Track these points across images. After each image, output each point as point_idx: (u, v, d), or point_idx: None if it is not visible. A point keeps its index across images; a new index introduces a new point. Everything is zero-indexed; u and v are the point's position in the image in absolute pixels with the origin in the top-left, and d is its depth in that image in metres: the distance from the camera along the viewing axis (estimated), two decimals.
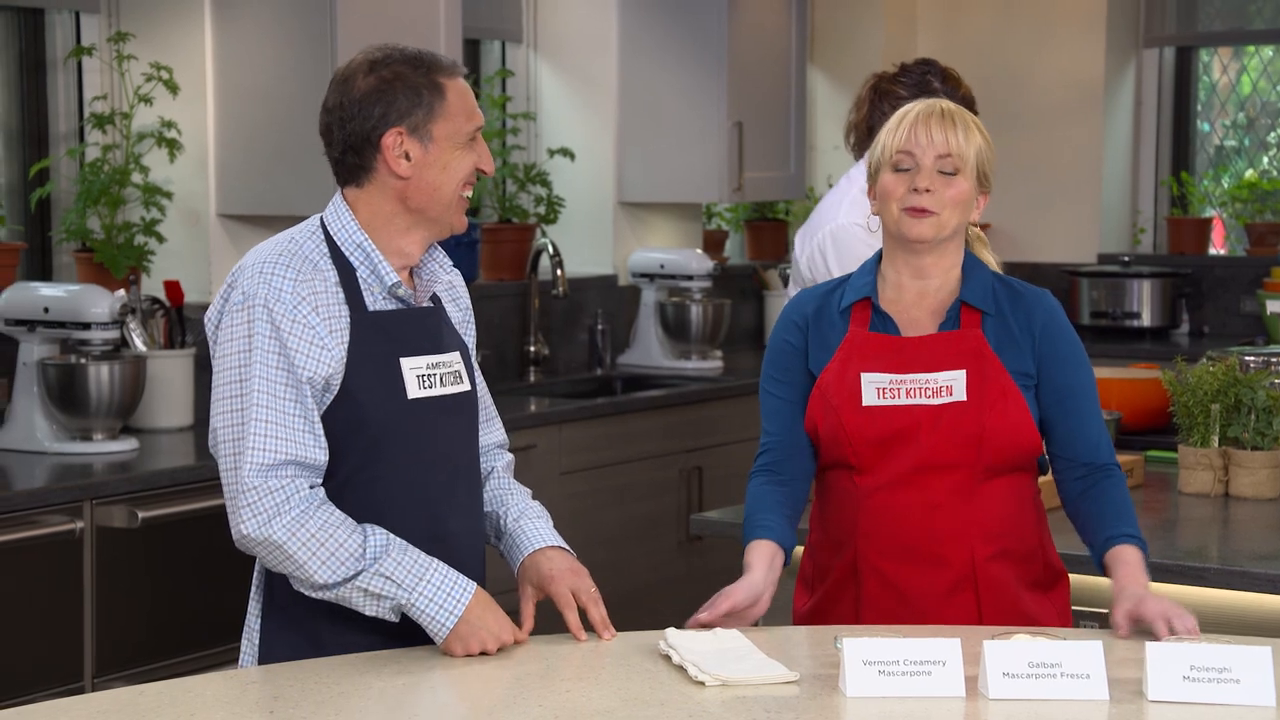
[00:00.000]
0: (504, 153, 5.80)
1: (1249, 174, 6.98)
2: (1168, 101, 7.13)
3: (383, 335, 2.51)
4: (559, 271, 5.54)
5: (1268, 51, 6.99)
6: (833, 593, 2.76)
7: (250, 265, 2.50)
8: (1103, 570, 2.66)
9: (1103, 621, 2.85)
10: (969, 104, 3.89)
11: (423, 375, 2.54)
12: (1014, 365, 2.69)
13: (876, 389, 2.68)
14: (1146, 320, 6.63)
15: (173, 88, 4.56)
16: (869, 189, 2.77)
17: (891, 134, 2.72)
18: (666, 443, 5.38)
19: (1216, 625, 3.05)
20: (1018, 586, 2.70)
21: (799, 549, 2.88)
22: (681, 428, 5.44)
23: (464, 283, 2.73)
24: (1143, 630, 2.52)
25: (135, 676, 3.77)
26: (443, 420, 2.56)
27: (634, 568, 5.24)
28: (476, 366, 2.69)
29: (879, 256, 2.79)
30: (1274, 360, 3.93)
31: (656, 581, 5.24)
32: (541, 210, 5.81)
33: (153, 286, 4.60)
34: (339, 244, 2.52)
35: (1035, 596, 2.71)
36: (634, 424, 5.29)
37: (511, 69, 6.00)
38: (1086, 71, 6.88)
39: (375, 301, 2.53)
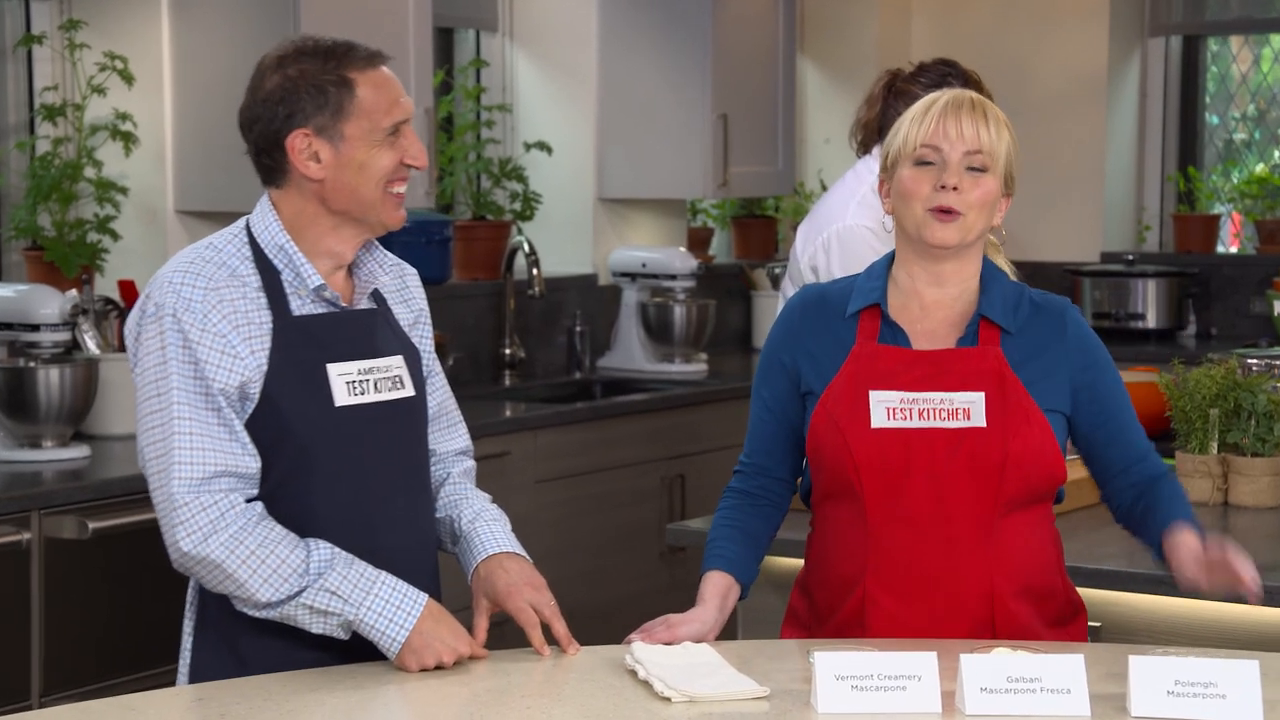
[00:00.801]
0: (479, 146, 5.81)
1: (1259, 168, 6.99)
2: (1174, 93, 7.14)
3: (308, 340, 2.51)
4: (535, 271, 5.55)
5: None
6: (836, 633, 2.66)
7: (163, 275, 2.51)
8: (1160, 554, 2.62)
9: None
10: None
11: (353, 381, 2.53)
12: (1038, 387, 2.60)
13: (887, 409, 2.58)
14: (1151, 322, 6.64)
15: (128, 78, 4.57)
16: (880, 184, 2.68)
17: (916, 124, 2.60)
18: (648, 449, 5.39)
19: (1208, 639, 3.07)
20: (1039, 625, 2.63)
21: (782, 570, 2.87)
22: (663, 434, 5.45)
23: (419, 282, 2.72)
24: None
25: (85, 695, 3.77)
26: (378, 428, 2.55)
27: (613, 579, 5.25)
28: (436, 370, 2.69)
29: (890, 258, 2.71)
30: (1276, 363, 3.94)
31: (637, 593, 5.25)
32: (517, 207, 5.82)
33: (106, 286, 4.60)
34: (262, 246, 2.53)
35: (1055, 633, 2.66)
36: (614, 430, 5.29)
37: (486, 59, 6.00)
38: (1089, 62, 6.90)
39: (301, 305, 2.53)
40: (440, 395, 2.71)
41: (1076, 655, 2.30)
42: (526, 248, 5.59)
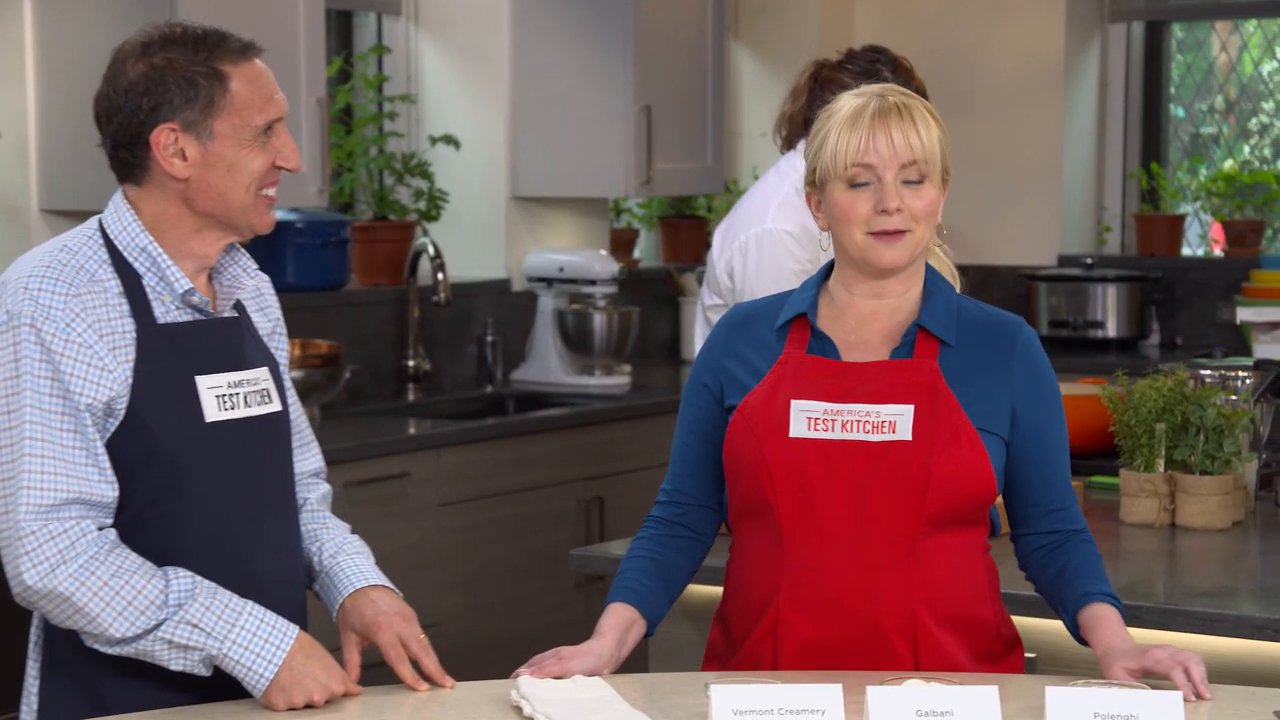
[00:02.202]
0: (380, 140, 5.82)
1: (1228, 165, 7.08)
2: (1136, 83, 7.22)
3: (175, 350, 2.52)
4: (441, 275, 5.56)
5: (1274, 26, 7.07)
6: (747, 661, 2.69)
7: (14, 280, 2.49)
8: (1075, 631, 2.66)
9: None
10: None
11: (224, 395, 2.55)
12: (975, 406, 2.63)
13: (808, 418, 2.61)
14: (1112, 330, 6.70)
15: None
16: (808, 197, 2.71)
17: (844, 139, 2.62)
18: (564, 470, 5.41)
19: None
20: (965, 659, 2.65)
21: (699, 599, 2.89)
22: (581, 453, 5.47)
23: (272, 288, 2.74)
24: (1154, 682, 2.51)
25: None
26: (248, 446, 2.57)
27: (526, 611, 5.26)
28: (289, 384, 2.71)
29: (827, 270, 2.73)
30: (1230, 375, 3.99)
31: (552, 626, 5.26)
32: (422, 206, 5.83)
33: None
34: (121, 249, 2.53)
35: (984, 668, 2.68)
36: (527, 448, 5.31)
37: (388, 45, 6.02)
38: (1044, 49, 6.96)
39: (166, 312, 2.53)
40: (294, 411, 2.72)
41: (991, 688, 2.33)
42: (432, 250, 5.60)
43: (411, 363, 5.72)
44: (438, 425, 5.21)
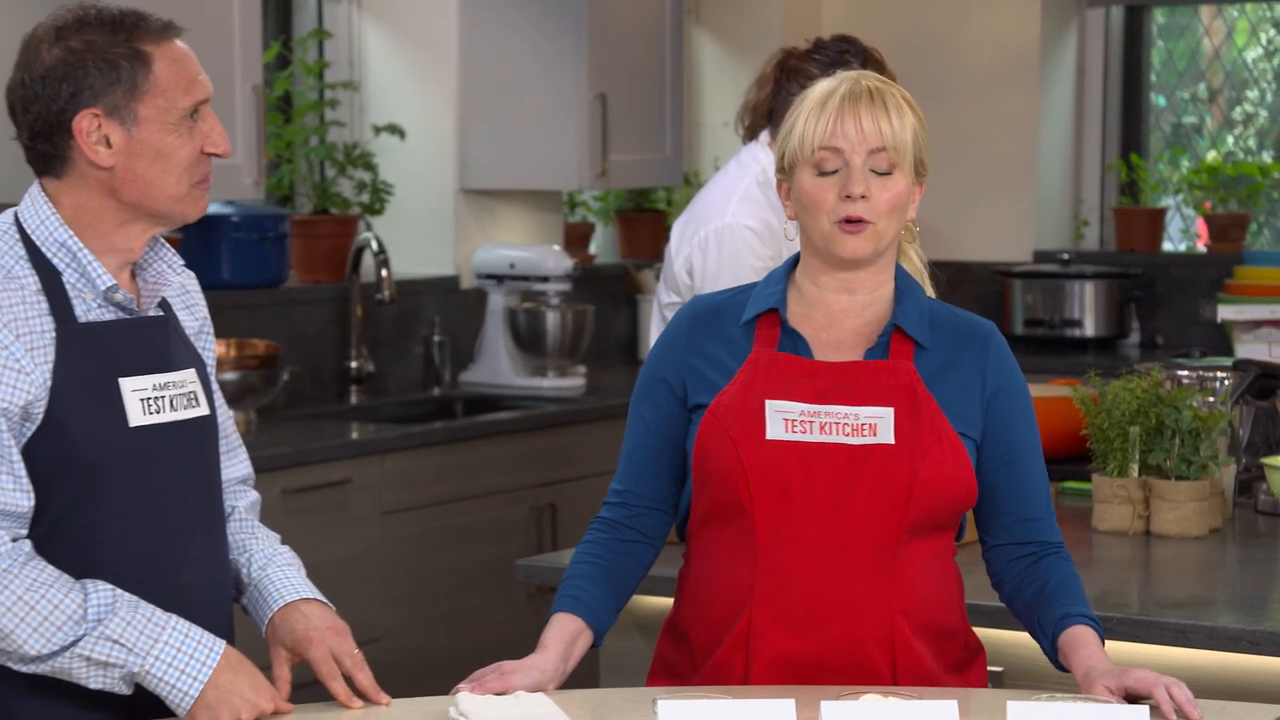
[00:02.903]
0: (321, 130, 5.81)
1: (1211, 156, 7.11)
2: (1116, 71, 7.24)
3: (97, 351, 2.51)
4: (385, 272, 5.56)
5: (1260, 9, 7.10)
6: (714, 675, 2.69)
7: None
8: (1054, 655, 2.67)
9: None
10: None
11: (148, 398, 2.54)
12: (952, 409, 2.65)
13: (785, 420, 2.62)
14: (1090, 329, 6.73)
15: None
16: (778, 185, 2.73)
17: (812, 122, 2.64)
18: (515, 476, 5.41)
19: None
20: (939, 670, 2.68)
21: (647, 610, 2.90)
22: (533, 458, 5.47)
23: (198, 285, 2.74)
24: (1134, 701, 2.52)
25: None
26: (174, 451, 2.56)
27: (474, 625, 5.26)
28: (216, 386, 2.71)
29: (792, 263, 2.75)
30: (1208, 376, 4.01)
31: (502, 641, 5.26)
32: (366, 198, 5.83)
33: None
34: (38, 244, 2.52)
35: (955, 679, 2.70)
36: (476, 453, 5.31)
37: (329, 29, 6.01)
38: (1019, 35, 6.98)
39: (88, 311, 2.53)
40: (221, 415, 2.72)
41: (950, 702, 2.34)
42: (375, 246, 5.59)
43: (354, 364, 5.71)
44: (381, 429, 5.21)
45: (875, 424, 2.62)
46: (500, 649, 5.12)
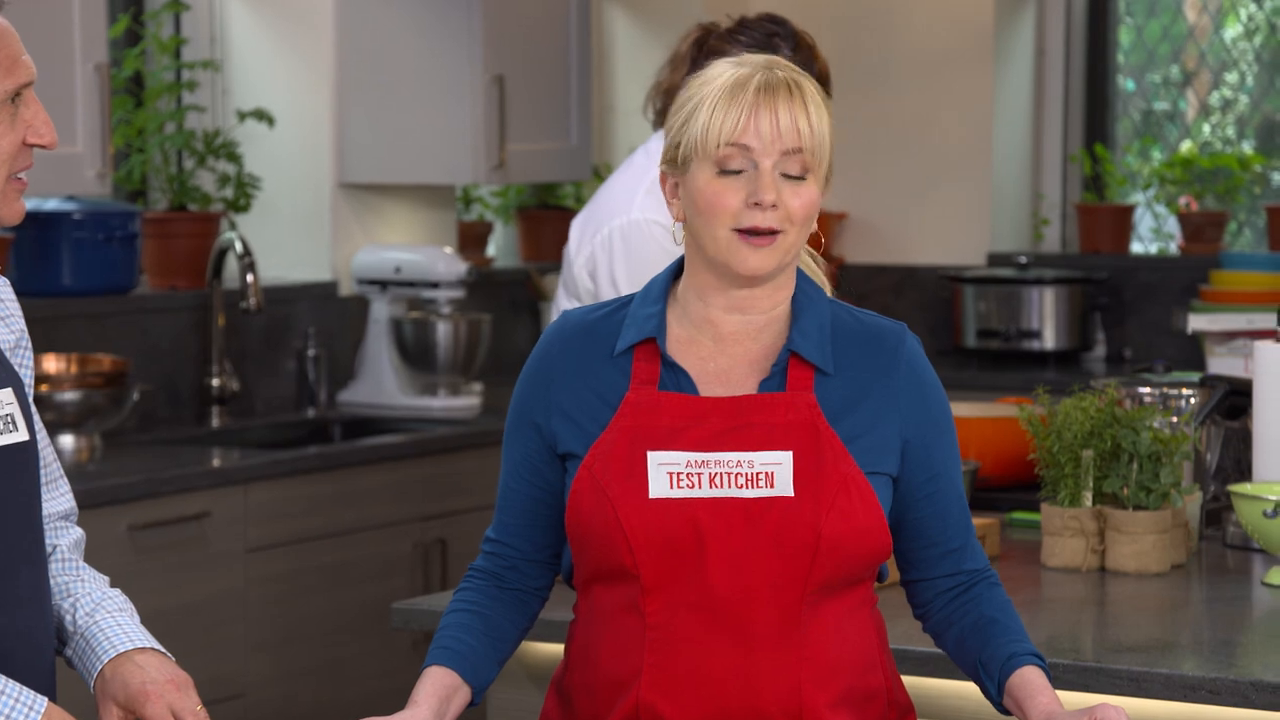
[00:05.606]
0: (177, 116, 5.79)
1: (1185, 146, 7.16)
2: (1079, 51, 7.29)
3: None
4: (251, 277, 5.54)
5: None
6: None
7: None
8: (998, 698, 2.68)
9: None
10: (824, 84, 3.92)
11: None
12: (860, 444, 2.63)
13: (669, 474, 2.58)
14: (1050, 341, 6.77)
15: None
16: (663, 179, 2.68)
17: (719, 114, 2.58)
18: (399, 508, 5.40)
19: None
20: None
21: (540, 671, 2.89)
22: (420, 487, 5.47)
23: (13, 294, 2.72)
24: None
25: None
26: None
27: (350, 676, 5.24)
28: (34, 409, 2.69)
29: (674, 270, 2.72)
30: (1171, 393, 4.04)
31: (381, 693, 5.26)
32: (229, 194, 5.81)
33: None
34: None
35: None
36: (355, 482, 5.30)
37: (187, 2, 5.98)
38: (971, 11, 7.02)
39: None
40: (41, 441, 2.70)
41: None
42: (240, 247, 5.58)
43: (215, 381, 5.69)
44: (246, 456, 5.19)
45: (772, 472, 2.58)
46: (379, 703, 5.13)
